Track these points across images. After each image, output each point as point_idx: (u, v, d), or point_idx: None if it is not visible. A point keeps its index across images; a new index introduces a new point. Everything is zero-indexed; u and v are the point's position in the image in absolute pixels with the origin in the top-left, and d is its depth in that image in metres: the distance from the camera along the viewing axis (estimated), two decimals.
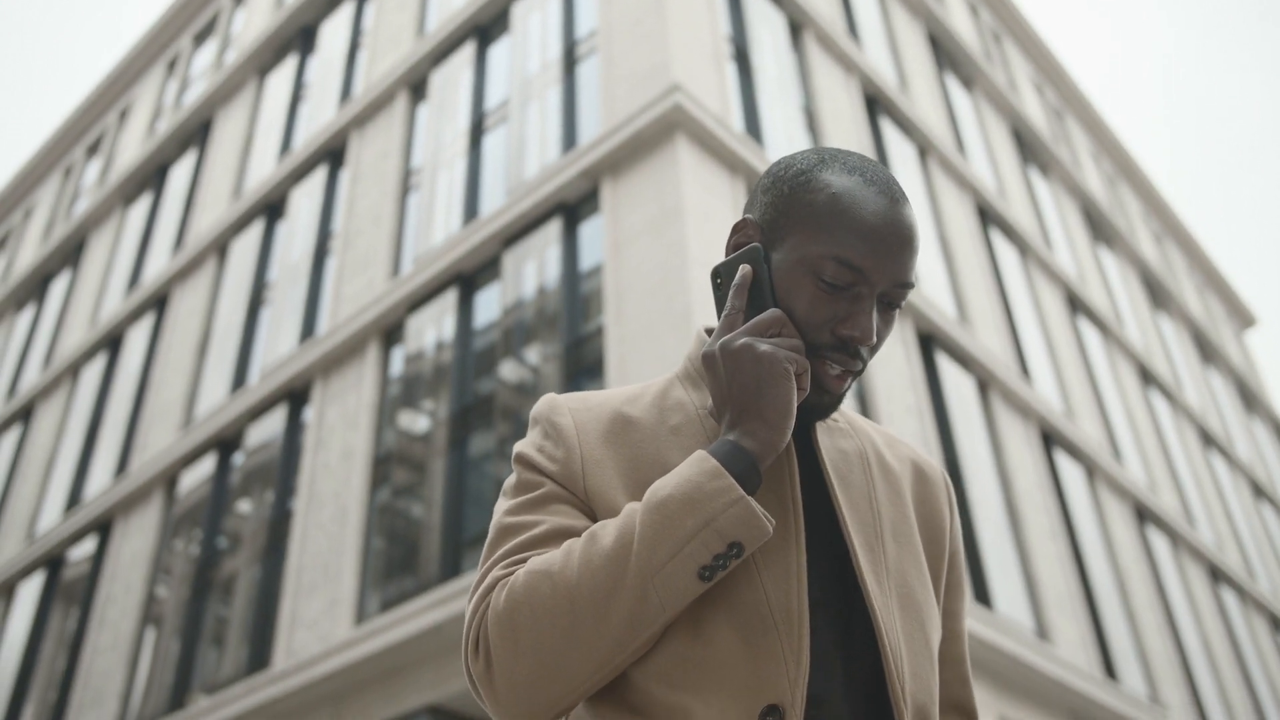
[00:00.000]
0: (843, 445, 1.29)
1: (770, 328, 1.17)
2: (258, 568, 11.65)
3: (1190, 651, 14.85)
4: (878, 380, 10.92)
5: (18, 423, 18.65)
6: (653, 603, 1.08)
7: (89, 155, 22.26)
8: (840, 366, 1.20)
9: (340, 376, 11.99)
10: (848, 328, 1.18)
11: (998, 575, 11.22)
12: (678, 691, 1.10)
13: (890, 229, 1.19)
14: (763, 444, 1.12)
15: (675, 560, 1.08)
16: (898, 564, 1.21)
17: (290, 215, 14.61)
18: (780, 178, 1.25)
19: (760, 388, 1.13)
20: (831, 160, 1.24)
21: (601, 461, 1.21)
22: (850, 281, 1.18)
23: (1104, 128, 23.84)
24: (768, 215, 1.25)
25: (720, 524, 1.08)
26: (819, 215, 1.19)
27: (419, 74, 13.79)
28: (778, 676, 1.10)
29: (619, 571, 1.08)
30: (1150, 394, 19.12)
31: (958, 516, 1.38)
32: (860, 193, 1.20)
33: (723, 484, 1.09)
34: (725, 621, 1.12)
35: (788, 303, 1.20)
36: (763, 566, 1.15)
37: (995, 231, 15.91)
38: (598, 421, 1.25)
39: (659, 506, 1.10)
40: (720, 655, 1.11)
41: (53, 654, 14.19)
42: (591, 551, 1.10)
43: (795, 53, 13.15)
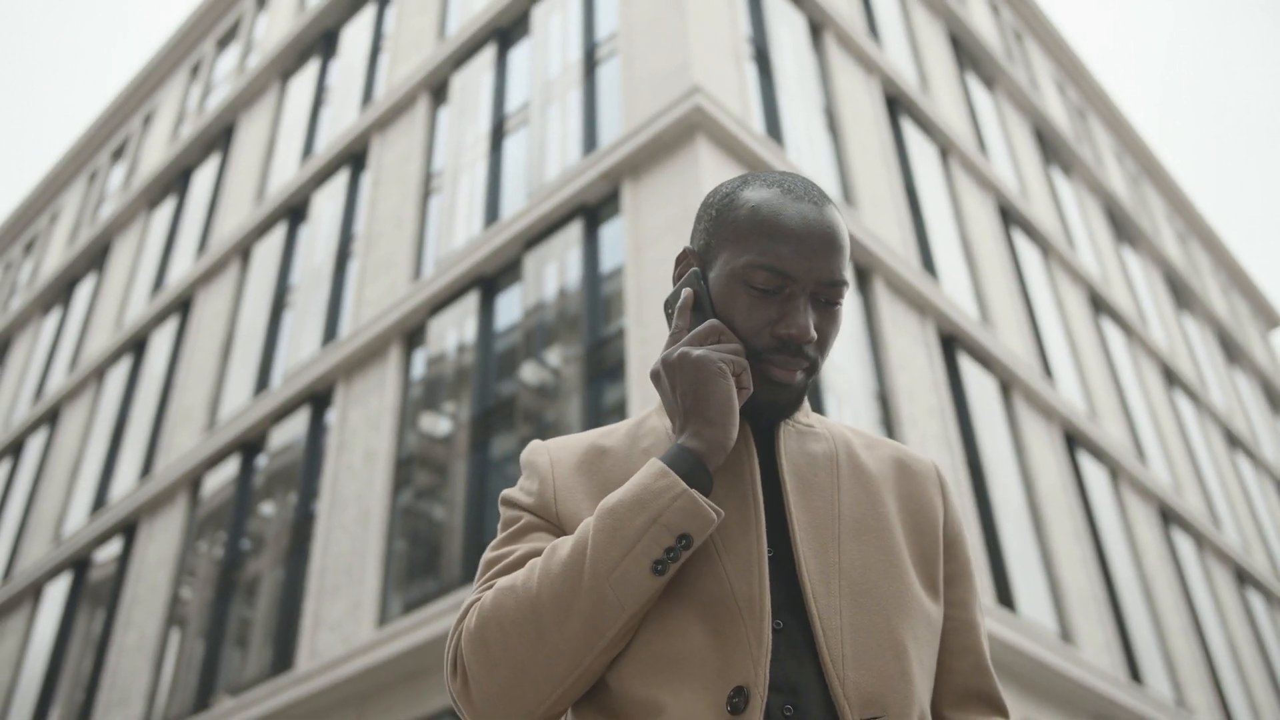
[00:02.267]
0: (811, 448, 1.33)
1: (708, 337, 1.25)
2: (281, 569, 11.71)
3: (1216, 654, 14.73)
4: (899, 382, 10.88)
5: (44, 425, 18.82)
6: (611, 602, 1.14)
7: (114, 160, 22.45)
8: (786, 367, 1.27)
9: (363, 379, 12.05)
10: (783, 327, 1.25)
11: (1021, 578, 11.16)
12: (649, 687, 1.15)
13: (809, 231, 1.26)
14: (708, 442, 1.19)
15: (628, 558, 1.14)
16: (858, 562, 1.24)
17: (312, 218, 14.69)
18: (709, 204, 1.35)
19: (698, 389, 1.20)
20: (753, 179, 1.33)
21: (572, 488, 1.30)
22: (779, 285, 1.26)
23: (1127, 127, 23.68)
24: (701, 240, 1.34)
25: (667, 518, 1.14)
26: (742, 229, 1.28)
27: (440, 77, 13.84)
28: (743, 659, 1.15)
29: (575, 576, 1.14)
30: (1175, 395, 18.98)
31: (955, 507, 1.40)
32: (778, 201, 1.28)
33: (667, 481, 1.16)
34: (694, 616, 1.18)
35: (726, 315, 1.28)
36: (726, 560, 1.20)
37: (1017, 232, 15.83)
38: (572, 455, 1.34)
39: (610, 512, 1.17)
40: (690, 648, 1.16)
41: (79, 655, 14.31)
42: (550, 563, 1.17)
43: (815, 53, 13.12)
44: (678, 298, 1.33)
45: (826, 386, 9.93)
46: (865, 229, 11.48)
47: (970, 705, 1.33)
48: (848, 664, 1.17)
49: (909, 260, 12.13)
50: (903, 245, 12.27)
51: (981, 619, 1.38)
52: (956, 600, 1.35)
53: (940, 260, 13.03)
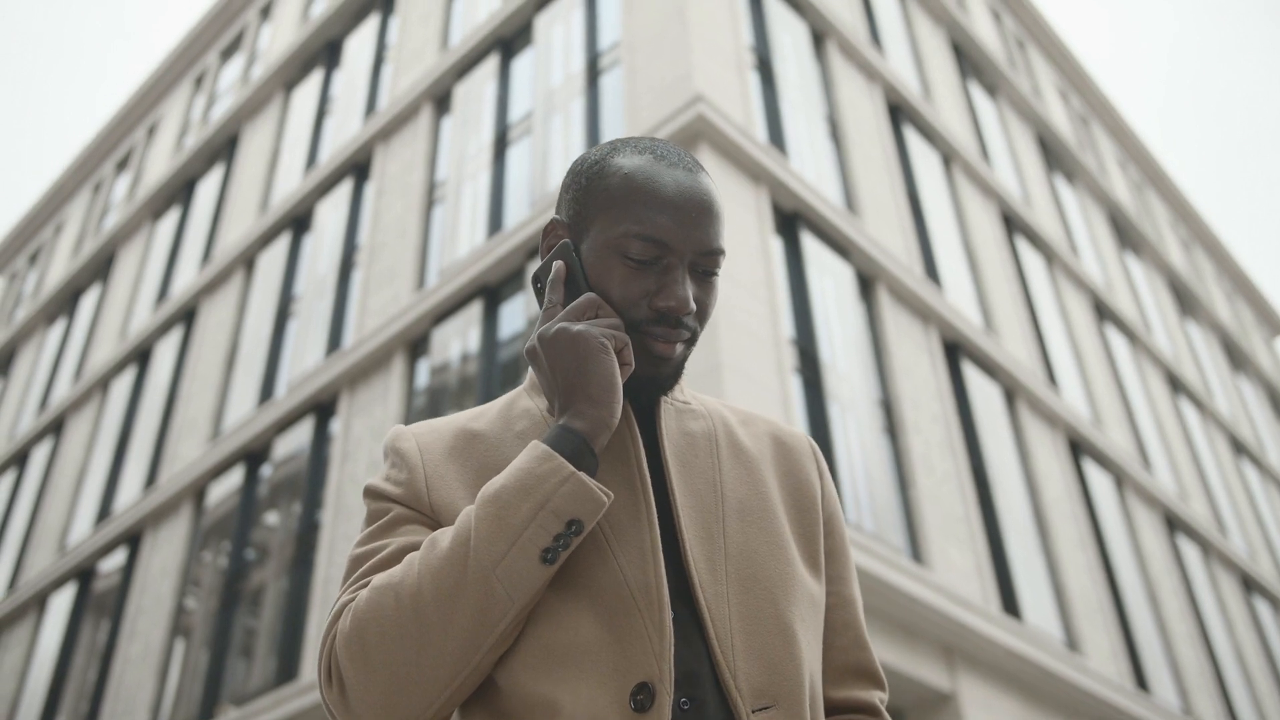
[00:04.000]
0: (690, 427, 1.29)
1: (586, 311, 1.19)
2: (285, 579, 11.71)
3: (1223, 662, 14.68)
4: (903, 389, 10.88)
5: (49, 436, 18.84)
6: (499, 595, 1.07)
7: (118, 170, 22.51)
8: (664, 339, 1.22)
9: (367, 389, 12.06)
10: (662, 299, 1.20)
11: (1026, 585, 11.14)
12: (543, 684, 1.09)
13: (686, 199, 1.21)
14: (591, 421, 1.13)
15: (515, 548, 1.08)
16: (743, 545, 1.20)
17: (316, 229, 14.72)
18: (578, 173, 1.29)
19: (580, 366, 1.14)
20: (623, 146, 1.27)
21: (445, 476, 1.22)
22: (655, 255, 1.21)
23: (1130, 134, 23.68)
24: (571, 211, 1.28)
25: (555, 504, 1.08)
26: (615, 197, 1.22)
27: (443, 87, 13.87)
28: (644, 653, 1.10)
29: (459, 570, 1.07)
30: (1180, 402, 18.95)
31: (830, 483, 1.37)
32: (652, 169, 1.23)
33: (553, 465, 1.10)
34: (587, 608, 1.12)
35: (601, 287, 1.22)
36: (617, 548, 1.15)
37: (1021, 240, 15.83)
38: (441, 440, 1.26)
39: (493, 499, 1.10)
40: (584, 642, 1.10)
41: (84, 665, 14.31)
42: (431, 557, 1.10)
43: (818, 62, 13.14)
44: (548, 271, 1.27)
45: (830, 394, 9.93)
46: (868, 237, 11.48)
47: (850, 680, 1.30)
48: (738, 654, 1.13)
49: (912, 268, 12.14)
50: (906, 253, 12.27)
51: (858, 593, 1.35)
52: (835, 576, 1.31)
53: (944, 268, 13.03)
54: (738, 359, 8.71)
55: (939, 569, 9.77)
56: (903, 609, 9.05)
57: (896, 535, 9.71)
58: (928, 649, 9.40)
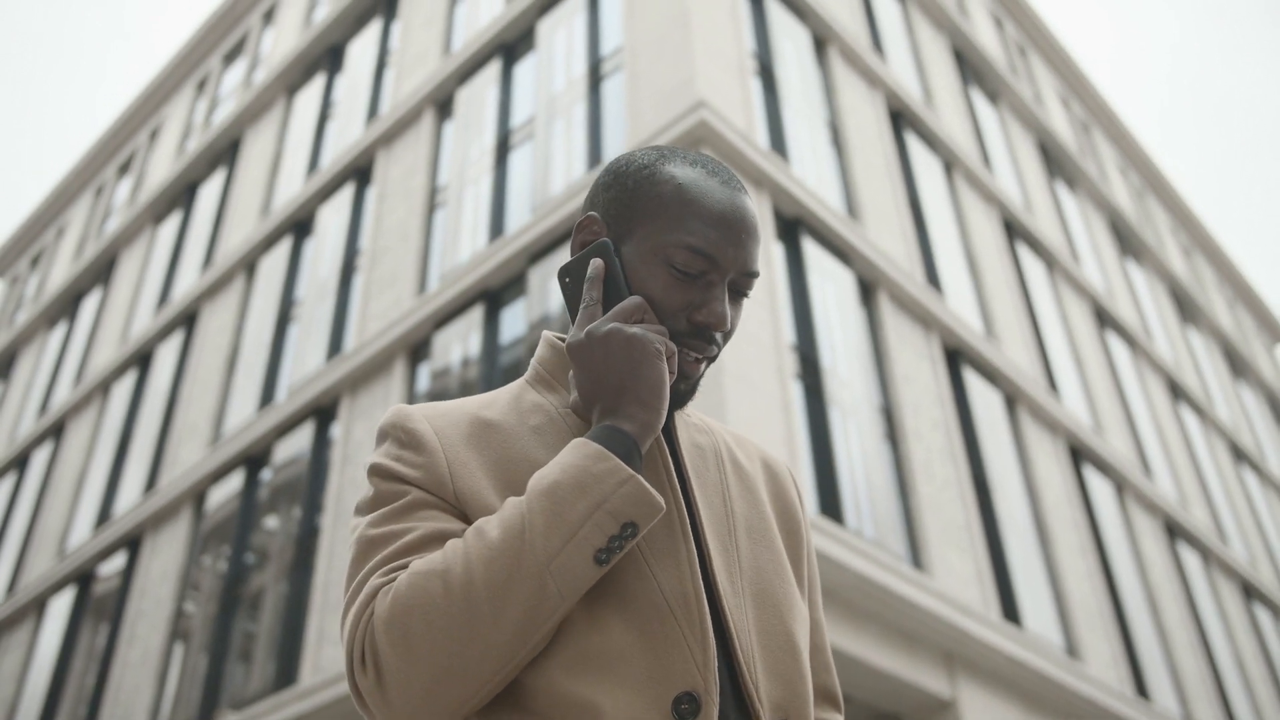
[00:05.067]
0: (700, 441, 1.30)
1: (634, 314, 1.18)
2: (285, 584, 11.70)
3: (1223, 669, 14.66)
4: (904, 396, 10.87)
5: (49, 439, 18.84)
6: (551, 592, 1.05)
7: (120, 174, 22.53)
8: (696, 353, 1.22)
9: (368, 393, 12.06)
10: (703, 315, 1.20)
11: (1027, 592, 11.13)
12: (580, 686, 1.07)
13: (736, 217, 1.22)
14: (641, 425, 1.12)
15: (570, 545, 1.05)
16: (752, 561, 1.21)
17: (318, 233, 14.72)
18: (623, 173, 1.27)
19: (634, 370, 1.13)
20: (672, 155, 1.27)
21: (467, 464, 1.18)
22: (702, 269, 1.20)
23: (1131, 140, 23.70)
24: (613, 210, 1.26)
25: (612, 505, 1.07)
26: (667, 205, 1.22)
27: (445, 92, 13.89)
28: (685, 663, 1.09)
29: (514, 562, 1.05)
30: (1180, 409, 18.94)
31: (806, 509, 1.39)
32: (705, 183, 1.23)
33: (610, 465, 1.08)
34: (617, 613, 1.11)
35: (643, 292, 1.21)
36: (650, 557, 1.14)
37: (1022, 246, 15.83)
38: (456, 426, 1.22)
39: (548, 492, 1.08)
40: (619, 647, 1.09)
41: (83, 669, 14.29)
42: (481, 546, 1.06)
43: (820, 68, 13.15)
44: (582, 270, 1.24)
45: (830, 400, 9.93)
46: (869, 243, 11.49)
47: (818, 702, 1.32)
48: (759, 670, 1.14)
49: (913, 274, 12.14)
50: (907, 259, 12.28)
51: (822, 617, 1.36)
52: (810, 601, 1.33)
53: (945, 274, 13.03)
54: (739, 365, 8.71)
55: (939, 575, 9.77)
56: (903, 615, 9.04)
57: (897, 541, 9.70)
58: (928, 655, 9.39)
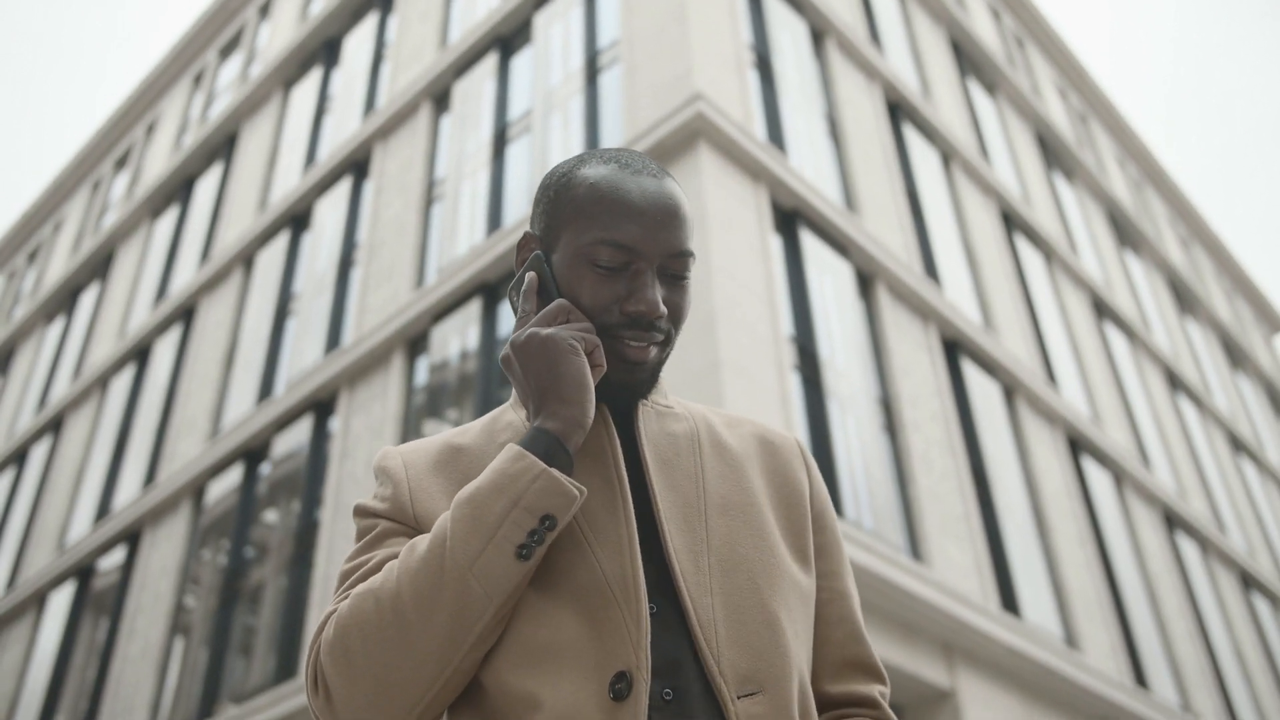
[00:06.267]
0: (671, 428, 1.31)
1: (556, 316, 1.22)
2: (284, 578, 11.71)
3: (1222, 659, 14.69)
4: (902, 387, 10.88)
5: (48, 434, 18.84)
6: (476, 592, 1.09)
7: (117, 169, 22.50)
8: (637, 342, 1.24)
9: (366, 387, 12.06)
10: (632, 304, 1.23)
11: (1026, 583, 11.15)
12: (524, 680, 1.11)
13: (651, 204, 1.24)
14: (564, 421, 1.16)
15: (491, 545, 1.10)
16: (726, 538, 1.22)
17: (315, 227, 14.71)
18: (547, 185, 1.32)
19: (551, 369, 1.17)
20: (590, 157, 1.31)
21: (429, 489, 1.24)
22: (624, 261, 1.23)
23: (1129, 132, 23.69)
24: (542, 223, 1.31)
25: (527, 500, 1.11)
26: (581, 207, 1.25)
27: (442, 85, 13.87)
28: (622, 644, 1.12)
29: (436, 570, 1.09)
30: (1178, 399, 18.96)
31: (819, 480, 1.39)
32: (616, 177, 1.26)
33: (525, 464, 1.12)
34: (567, 604, 1.14)
35: (572, 295, 1.25)
36: (596, 545, 1.17)
37: (1020, 237, 15.84)
38: (426, 456, 1.29)
39: (467, 501, 1.12)
40: (565, 638, 1.13)
41: (83, 663, 14.31)
42: (409, 560, 1.12)
43: (817, 60, 13.14)
44: (522, 283, 1.30)
45: (829, 392, 9.93)
46: (868, 235, 11.49)
47: (847, 674, 1.31)
48: (722, 642, 1.15)
49: (911, 266, 12.14)
50: (905, 251, 12.28)
51: (853, 588, 1.37)
52: (828, 571, 1.33)
53: (943, 266, 13.04)
54: (737, 357, 8.71)
55: (938, 566, 9.78)
56: (902, 606, 9.06)
57: (896, 533, 9.72)
58: (927, 646, 9.41)
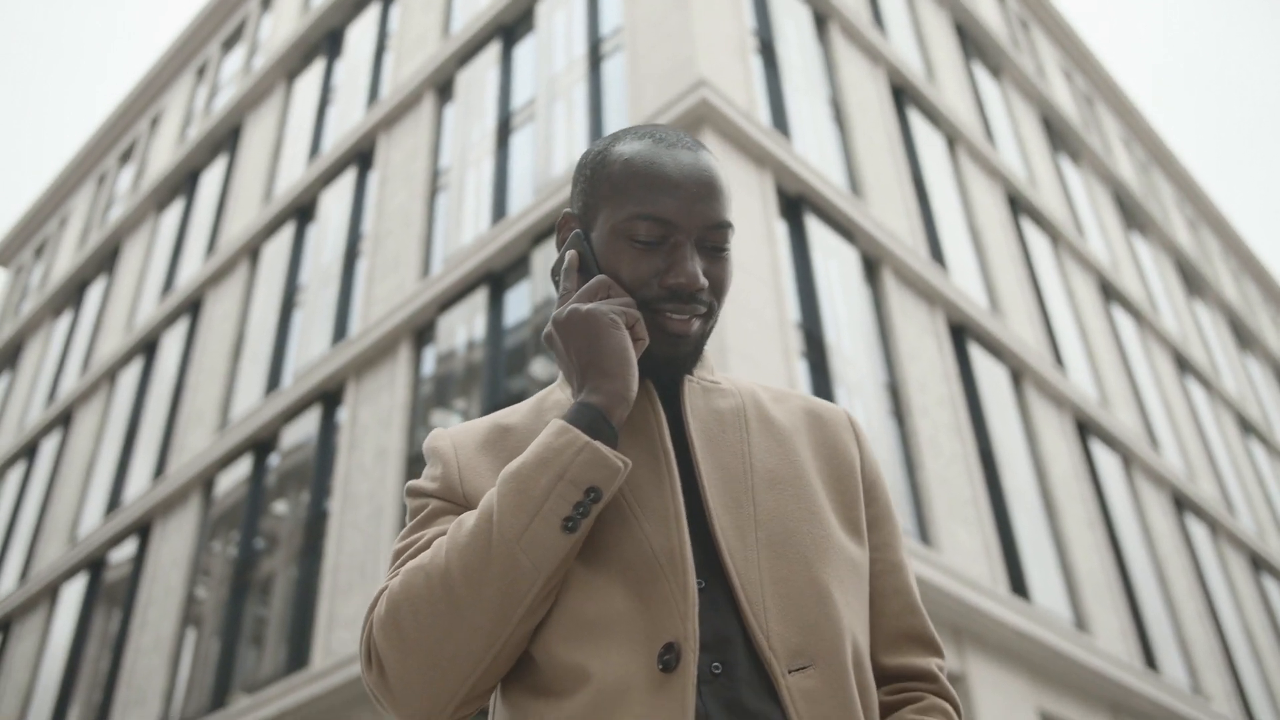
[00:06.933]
0: (717, 404, 1.31)
1: (597, 292, 1.22)
2: (295, 568, 11.76)
3: (1232, 640, 14.69)
4: (910, 372, 10.87)
5: (57, 428, 18.90)
6: (524, 566, 1.10)
7: (122, 162, 22.52)
8: (678, 314, 1.24)
9: (373, 377, 12.08)
10: (671, 276, 1.23)
11: (1035, 566, 11.15)
12: (574, 652, 1.12)
13: (687, 177, 1.25)
14: (608, 395, 1.16)
15: (537, 519, 1.11)
16: (775, 513, 1.22)
17: (320, 218, 14.72)
18: (583, 165, 1.33)
19: (592, 343, 1.18)
20: (624, 134, 1.31)
21: (477, 467, 1.26)
22: (662, 234, 1.24)
23: (1135, 113, 23.58)
24: (580, 202, 1.32)
25: (572, 473, 1.12)
26: (617, 183, 1.26)
27: (445, 75, 13.85)
28: (670, 616, 1.12)
29: (484, 544, 1.11)
30: (1187, 381, 18.92)
31: (870, 452, 1.39)
32: (651, 152, 1.26)
33: (569, 437, 1.13)
34: (615, 578, 1.15)
35: (611, 270, 1.25)
36: (643, 519, 1.18)
37: (1026, 220, 15.79)
38: (474, 437, 1.31)
39: (512, 476, 1.14)
40: (614, 611, 1.13)
41: (96, 655, 14.39)
42: (458, 535, 1.14)
43: (821, 45, 13.10)
44: (563, 262, 1.30)
45: (836, 377, 9.93)
46: (873, 220, 11.46)
47: (904, 646, 1.31)
48: (770, 617, 1.15)
49: (917, 250, 12.11)
50: (911, 235, 12.25)
51: (907, 560, 1.36)
52: (881, 543, 1.33)
53: (949, 250, 13.01)
54: (743, 343, 8.71)
55: (947, 550, 9.79)
56: None
57: (904, 517, 9.72)
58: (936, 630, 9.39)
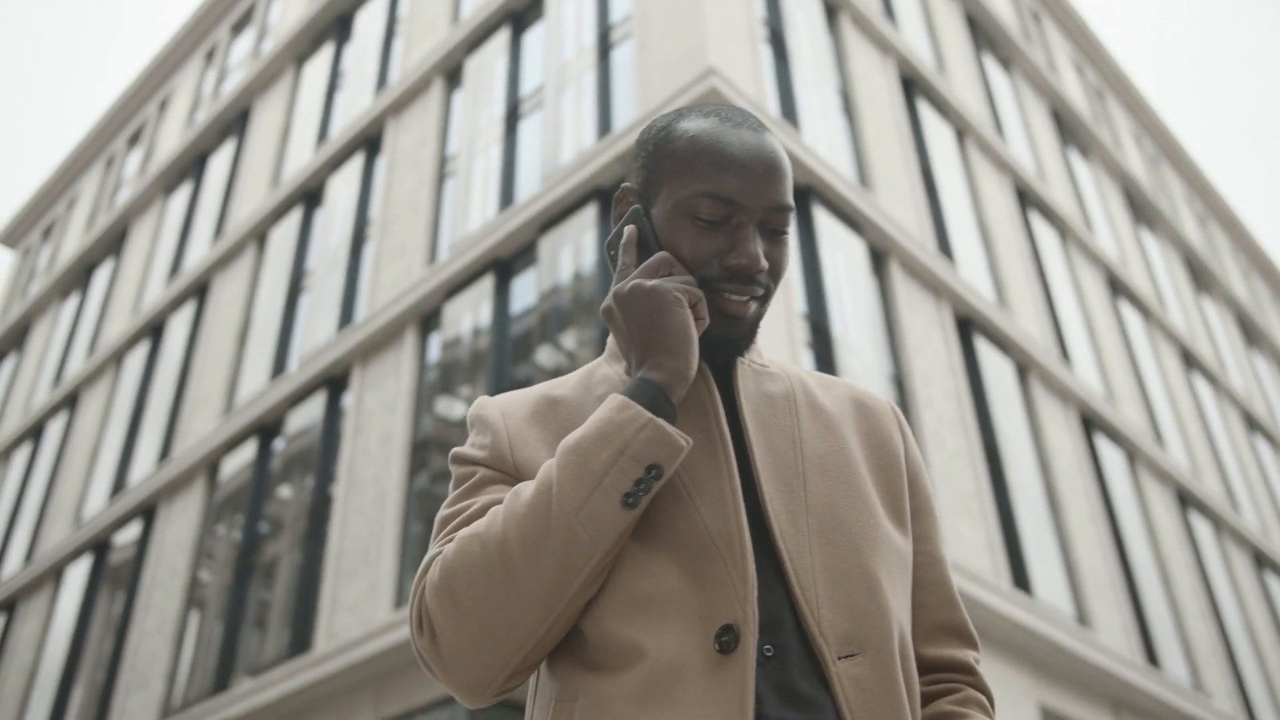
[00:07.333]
0: (768, 388, 1.31)
1: (659, 269, 1.21)
2: (299, 552, 11.79)
3: (1234, 638, 14.68)
4: (915, 364, 10.85)
5: (64, 410, 18.95)
6: (582, 540, 1.10)
7: (130, 145, 22.53)
8: (736, 295, 1.24)
9: (379, 363, 12.09)
10: (734, 257, 1.22)
11: (1038, 561, 11.14)
12: (627, 628, 1.12)
13: (753, 157, 1.24)
14: (669, 372, 1.15)
15: (597, 493, 1.10)
16: (824, 499, 1.22)
17: (328, 203, 14.72)
18: (645, 140, 1.31)
19: (655, 320, 1.17)
20: (689, 111, 1.30)
21: (527, 438, 1.25)
22: (725, 214, 1.23)
23: (1146, 108, 23.48)
24: (640, 177, 1.31)
25: (634, 449, 1.11)
26: (682, 160, 1.25)
27: (454, 61, 13.83)
28: (727, 598, 1.12)
29: (543, 516, 1.10)
30: (1193, 378, 18.87)
31: (913, 444, 1.38)
32: (717, 130, 1.25)
33: (631, 413, 1.12)
34: (669, 557, 1.14)
35: (672, 247, 1.24)
36: (699, 498, 1.17)
37: (1034, 214, 15.74)
38: (523, 407, 1.29)
39: (574, 448, 1.13)
40: (668, 589, 1.13)
41: (100, 636, 14.45)
42: (515, 505, 1.13)
43: (831, 35, 13.05)
44: (620, 237, 1.29)
45: (842, 369, 9.92)
46: (881, 211, 11.44)
47: (941, 638, 1.31)
48: (822, 602, 1.15)
49: (925, 243, 12.09)
50: (919, 228, 12.22)
51: (945, 552, 1.36)
52: (921, 535, 1.33)
53: (957, 243, 12.98)
54: None
55: (950, 544, 9.78)
56: None
57: None
58: None
